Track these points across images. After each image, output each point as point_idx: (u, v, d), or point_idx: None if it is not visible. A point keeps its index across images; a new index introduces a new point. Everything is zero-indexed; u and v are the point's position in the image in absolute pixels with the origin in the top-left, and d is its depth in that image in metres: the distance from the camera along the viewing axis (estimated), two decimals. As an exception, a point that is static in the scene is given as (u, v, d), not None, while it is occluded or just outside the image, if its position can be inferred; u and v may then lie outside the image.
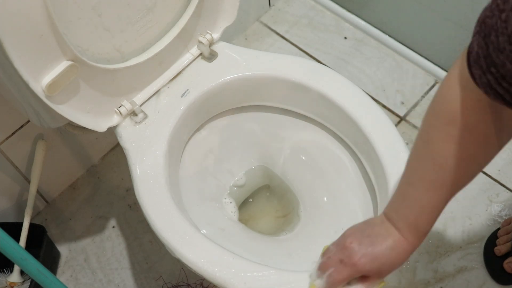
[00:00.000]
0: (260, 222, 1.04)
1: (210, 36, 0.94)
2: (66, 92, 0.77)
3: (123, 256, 1.19)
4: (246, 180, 1.02)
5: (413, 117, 1.34)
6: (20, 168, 1.11)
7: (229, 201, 0.99)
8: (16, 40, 0.67)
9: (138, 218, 1.23)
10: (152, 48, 0.88)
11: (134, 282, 1.16)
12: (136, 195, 0.82)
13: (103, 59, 0.82)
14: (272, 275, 0.73)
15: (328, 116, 0.95)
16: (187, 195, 0.91)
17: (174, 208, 0.80)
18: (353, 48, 1.44)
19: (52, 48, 0.71)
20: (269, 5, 1.51)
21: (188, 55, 0.94)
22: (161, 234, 0.78)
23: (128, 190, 1.27)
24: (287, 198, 1.02)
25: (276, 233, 0.98)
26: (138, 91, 0.90)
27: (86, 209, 1.25)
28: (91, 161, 1.29)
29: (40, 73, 0.72)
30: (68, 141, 1.18)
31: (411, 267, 1.15)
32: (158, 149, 0.86)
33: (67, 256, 1.20)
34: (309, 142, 1.00)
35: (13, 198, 1.15)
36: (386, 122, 0.87)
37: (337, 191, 0.95)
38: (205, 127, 0.99)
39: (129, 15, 0.81)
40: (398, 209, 0.65)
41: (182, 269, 1.15)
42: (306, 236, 0.94)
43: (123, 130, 0.88)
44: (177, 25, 0.89)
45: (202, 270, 0.75)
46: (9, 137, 1.06)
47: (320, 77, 0.92)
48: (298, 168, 1.00)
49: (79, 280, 1.17)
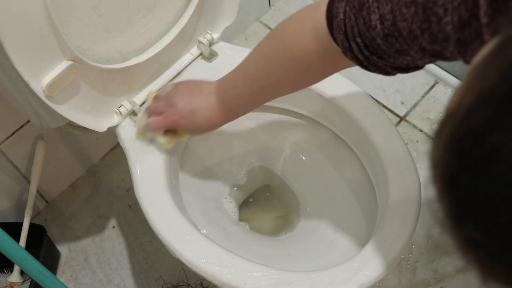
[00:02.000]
0: (260, 222, 1.04)
1: (210, 36, 0.94)
2: (66, 92, 0.77)
3: (123, 256, 1.19)
4: (246, 180, 1.02)
5: (413, 117, 1.34)
6: (20, 168, 1.11)
7: (229, 201, 0.99)
8: (17, 40, 0.67)
9: (138, 218, 1.23)
10: (152, 48, 0.88)
11: (134, 282, 1.16)
12: (136, 195, 0.82)
13: (103, 59, 0.82)
14: (272, 275, 0.73)
15: (328, 116, 0.95)
16: (187, 195, 0.91)
17: (174, 208, 0.80)
18: (353, 48, 1.44)
19: (52, 48, 0.71)
20: (269, 5, 1.51)
21: (188, 55, 0.94)
22: (161, 234, 0.78)
23: (128, 190, 1.27)
24: (287, 198, 1.02)
25: (276, 233, 0.98)
26: (138, 91, 0.90)
27: (86, 209, 1.25)
28: (91, 161, 1.29)
29: (40, 73, 0.72)
30: (68, 141, 1.18)
31: (411, 267, 1.15)
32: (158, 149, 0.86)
33: (67, 256, 1.20)
34: (309, 142, 1.00)
35: (13, 198, 1.15)
36: (386, 122, 0.87)
37: (337, 191, 0.95)
38: (205, 127, 0.99)
39: (129, 15, 0.81)
40: (226, 90, 0.75)
41: (182, 269, 1.15)
42: (306, 236, 0.94)
43: (123, 130, 0.88)
44: (177, 25, 0.89)
45: (202, 270, 0.75)
46: (9, 137, 1.06)
47: (320, 77, 0.92)
48: (298, 168, 1.00)
49: (79, 280, 1.17)
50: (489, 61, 0.32)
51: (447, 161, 0.32)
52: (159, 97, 0.82)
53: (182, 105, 0.77)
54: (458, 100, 0.32)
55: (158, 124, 0.80)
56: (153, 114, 0.81)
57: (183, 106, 0.77)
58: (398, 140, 0.85)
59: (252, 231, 0.97)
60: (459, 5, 0.44)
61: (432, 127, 1.32)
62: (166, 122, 0.79)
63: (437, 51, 0.49)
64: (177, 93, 0.79)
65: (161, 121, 0.80)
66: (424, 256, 1.16)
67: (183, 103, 0.77)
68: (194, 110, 0.76)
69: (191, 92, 0.78)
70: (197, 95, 0.77)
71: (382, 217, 0.79)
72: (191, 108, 0.76)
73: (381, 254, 0.74)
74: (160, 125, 0.80)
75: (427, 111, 1.35)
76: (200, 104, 0.76)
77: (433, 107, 1.35)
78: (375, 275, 0.73)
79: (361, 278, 0.73)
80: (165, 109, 0.79)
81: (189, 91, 0.78)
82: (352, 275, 0.73)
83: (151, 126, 0.81)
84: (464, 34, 0.45)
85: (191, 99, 0.77)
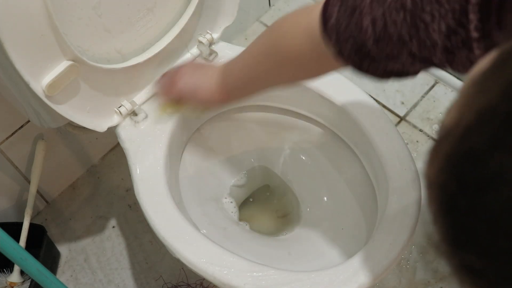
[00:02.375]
0: (260, 222, 1.04)
1: (210, 36, 0.94)
2: (66, 92, 0.77)
3: (123, 256, 1.19)
4: (246, 180, 1.02)
5: (413, 117, 1.34)
6: (20, 168, 1.11)
7: (230, 201, 0.99)
8: (17, 40, 0.67)
9: (138, 218, 1.23)
10: (152, 48, 0.88)
11: (134, 282, 1.16)
12: (136, 195, 0.82)
13: (103, 59, 0.82)
14: (272, 275, 0.73)
15: (328, 116, 0.95)
16: (187, 195, 0.91)
17: (174, 208, 0.80)
18: (353, 48, 1.44)
19: (52, 48, 0.71)
20: (269, 5, 1.51)
21: (188, 55, 0.94)
22: (161, 234, 0.78)
23: (128, 190, 1.27)
24: (287, 198, 1.02)
25: (276, 233, 0.99)
26: (138, 91, 0.90)
27: (86, 209, 1.25)
28: (91, 161, 1.29)
29: (40, 73, 0.72)
30: (68, 141, 1.18)
31: (411, 267, 1.15)
32: (158, 149, 0.86)
33: (67, 256, 1.20)
34: (309, 142, 1.00)
35: (13, 198, 1.15)
36: (386, 122, 0.87)
37: (337, 191, 0.95)
38: (205, 127, 1.00)
39: (129, 15, 0.81)
40: (226, 75, 0.77)
41: (182, 269, 1.15)
42: (306, 236, 0.94)
43: (123, 130, 0.88)
44: (177, 25, 0.89)
45: (202, 270, 0.75)
46: (9, 137, 1.06)
47: (320, 77, 0.92)
48: (298, 168, 1.00)
49: (79, 280, 1.17)
50: (489, 77, 0.30)
51: (444, 183, 0.30)
52: (166, 75, 0.87)
53: (185, 81, 0.82)
54: (456, 116, 0.31)
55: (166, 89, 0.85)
56: (158, 89, 0.87)
57: (185, 83, 0.81)
58: (398, 140, 0.85)
59: (252, 231, 0.97)
60: (446, 14, 0.44)
61: (432, 127, 1.32)
62: (174, 91, 0.84)
63: (426, 57, 0.49)
64: (179, 74, 0.83)
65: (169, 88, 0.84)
66: (424, 256, 1.16)
67: (186, 80, 0.82)
68: (197, 88, 0.80)
69: (194, 72, 0.82)
70: (200, 75, 0.81)
71: (382, 217, 0.79)
72: (194, 86, 0.80)
73: (381, 254, 0.74)
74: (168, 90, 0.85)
75: (427, 111, 1.35)
76: (202, 83, 0.80)
77: (433, 107, 1.35)
78: (375, 275, 0.73)
79: (361, 278, 0.73)
80: (170, 83, 0.84)
81: (193, 71, 0.82)
82: (352, 275, 0.73)
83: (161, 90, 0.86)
84: (451, 42, 0.45)
85: (194, 79, 0.81)
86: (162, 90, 0.86)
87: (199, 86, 0.80)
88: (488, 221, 0.28)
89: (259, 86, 0.76)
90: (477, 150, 0.28)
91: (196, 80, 0.80)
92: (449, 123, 0.31)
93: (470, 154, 0.29)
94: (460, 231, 0.29)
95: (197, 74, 0.81)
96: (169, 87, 0.84)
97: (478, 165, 0.28)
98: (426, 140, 1.30)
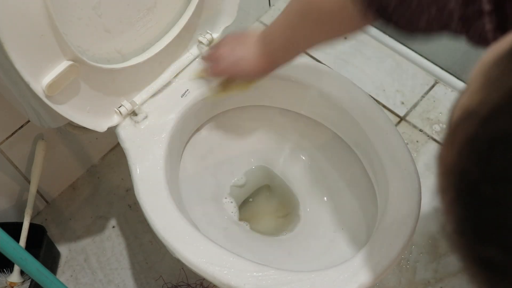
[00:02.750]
0: (260, 222, 1.04)
1: (210, 36, 0.94)
2: (66, 92, 0.77)
3: (123, 256, 1.19)
4: (246, 180, 1.02)
5: (413, 117, 1.34)
6: (20, 168, 1.11)
7: (230, 201, 0.99)
8: (17, 40, 0.67)
9: (138, 218, 1.23)
10: (152, 48, 0.88)
11: (134, 282, 1.16)
12: (136, 195, 0.82)
13: (103, 59, 0.82)
14: (272, 275, 0.73)
15: (328, 116, 0.95)
16: (187, 195, 0.91)
17: (174, 208, 0.80)
18: (353, 48, 1.44)
19: (52, 48, 0.71)
20: (269, 5, 1.51)
21: (188, 55, 0.94)
22: (161, 234, 0.78)
23: (128, 190, 1.27)
24: (287, 198, 1.02)
25: (276, 233, 0.98)
26: (138, 91, 0.90)
27: (86, 209, 1.25)
28: (91, 161, 1.29)
29: (40, 73, 0.72)
30: (68, 141, 1.18)
31: (411, 267, 1.15)
32: (158, 149, 0.86)
33: (67, 256, 1.20)
34: (309, 142, 1.00)
35: (13, 198, 1.16)
36: (386, 122, 0.87)
37: (337, 191, 0.95)
38: (205, 127, 1.00)
39: (129, 15, 0.81)
40: (267, 42, 0.79)
41: (182, 269, 1.15)
42: (306, 236, 0.94)
43: (123, 130, 0.88)
44: (177, 25, 0.89)
45: (202, 270, 0.75)
46: (9, 137, 1.06)
47: (320, 77, 0.92)
48: (298, 168, 1.00)
49: (79, 280, 1.17)
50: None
51: (464, 169, 0.27)
52: (208, 58, 0.89)
53: (227, 60, 0.84)
54: (478, 97, 0.28)
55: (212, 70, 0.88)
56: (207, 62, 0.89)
57: (228, 61, 0.84)
58: (398, 140, 0.85)
59: (252, 231, 0.97)
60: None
61: (432, 127, 1.32)
62: (220, 72, 0.87)
63: (444, 24, 0.51)
64: (224, 43, 0.86)
65: (214, 70, 0.87)
66: (424, 256, 1.16)
67: (228, 59, 0.84)
68: (240, 63, 0.82)
69: (234, 48, 0.84)
70: (240, 50, 0.83)
71: (382, 217, 0.79)
72: (237, 62, 0.83)
73: (381, 254, 0.74)
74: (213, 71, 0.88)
75: (427, 111, 1.35)
76: (244, 57, 0.82)
77: (433, 107, 1.35)
78: (375, 275, 0.73)
79: (361, 278, 0.73)
80: (214, 66, 0.87)
81: (232, 48, 0.84)
82: (352, 275, 0.73)
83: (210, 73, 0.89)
84: (468, 11, 0.46)
85: (235, 55, 0.83)
86: (209, 74, 0.89)
87: (242, 61, 0.82)
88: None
89: (300, 48, 0.78)
90: (507, 132, 0.25)
91: (237, 56, 0.83)
92: (470, 103, 0.28)
93: (498, 137, 0.26)
94: (482, 222, 0.27)
95: (237, 50, 0.83)
96: (214, 70, 0.87)
97: (507, 149, 0.25)
98: (426, 140, 1.30)
